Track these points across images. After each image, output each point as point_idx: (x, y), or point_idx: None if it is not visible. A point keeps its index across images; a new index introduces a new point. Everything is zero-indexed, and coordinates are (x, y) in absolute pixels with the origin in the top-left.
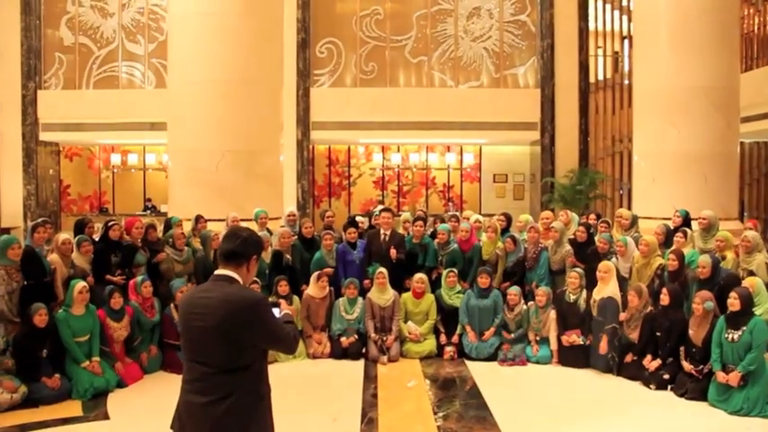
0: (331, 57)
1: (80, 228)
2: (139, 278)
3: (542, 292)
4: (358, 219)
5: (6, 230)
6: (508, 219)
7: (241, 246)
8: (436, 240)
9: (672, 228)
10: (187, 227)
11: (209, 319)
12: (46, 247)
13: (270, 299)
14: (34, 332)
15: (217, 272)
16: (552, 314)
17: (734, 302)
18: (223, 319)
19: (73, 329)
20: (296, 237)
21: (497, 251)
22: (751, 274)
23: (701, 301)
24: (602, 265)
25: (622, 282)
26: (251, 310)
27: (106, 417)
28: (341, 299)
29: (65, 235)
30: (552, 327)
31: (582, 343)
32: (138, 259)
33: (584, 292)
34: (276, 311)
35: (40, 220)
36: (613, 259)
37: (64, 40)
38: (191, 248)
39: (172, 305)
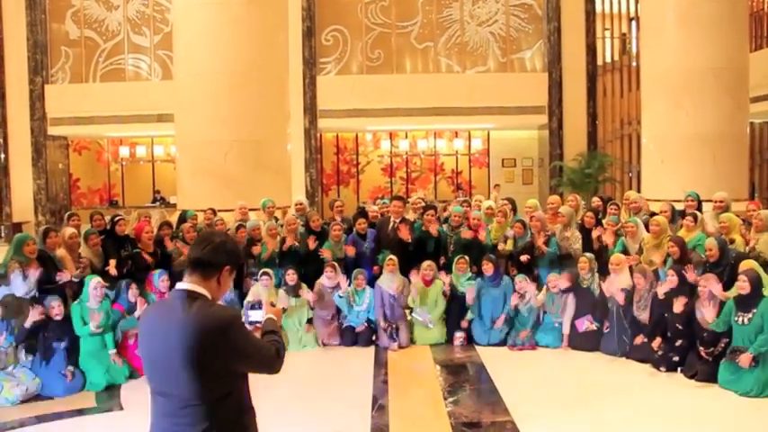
0: (337, 44)
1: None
2: (158, 272)
3: (554, 277)
4: (371, 208)
5: (18, 225)
6: (512, 203)
7: (210, 253)
8: (446, 225)
9: (684, 210)
10: (201, 219)
11: (170, 345)
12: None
13: (247, 300)
14: (51, 324)
15: (179, 285)
16: (569, 298)
17: (743, 285)
18: (187, 346)
19: (86, 322)
20: (303, 225)
21: (507, 235)
22: (752, 251)
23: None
24: (614, 257)
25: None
26: (221, 334)
27: (120, 408)
28: (349, 287)
29: (71, 230)
30: (568, 310)
31: (596, 329)
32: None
33: (596, 276)
34: (258, 314)
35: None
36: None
37: (69, 33)
38: None
39: None
